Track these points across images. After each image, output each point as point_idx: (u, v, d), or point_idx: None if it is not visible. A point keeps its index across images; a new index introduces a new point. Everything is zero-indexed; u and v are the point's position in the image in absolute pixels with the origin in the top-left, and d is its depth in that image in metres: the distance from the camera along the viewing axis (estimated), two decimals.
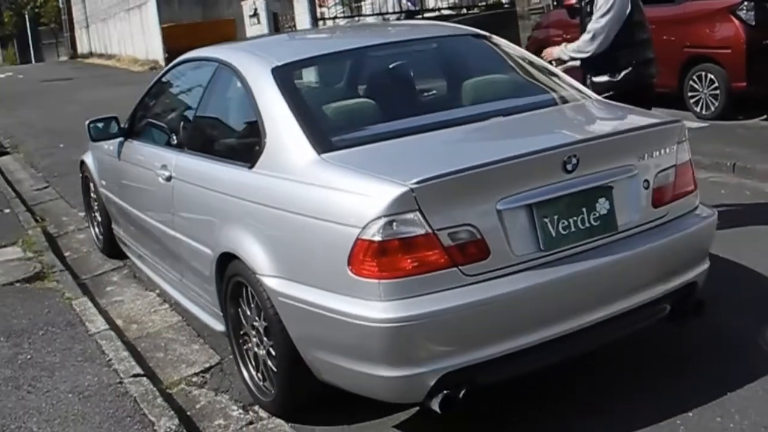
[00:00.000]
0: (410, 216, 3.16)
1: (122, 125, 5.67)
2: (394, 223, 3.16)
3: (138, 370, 4.45)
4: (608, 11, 5.37)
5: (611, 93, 5.33)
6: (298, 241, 3.56)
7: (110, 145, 5.87)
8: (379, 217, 3.15)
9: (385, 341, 3.21)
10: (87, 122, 5.61)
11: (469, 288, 3.24)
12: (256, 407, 4.06)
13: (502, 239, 3.31)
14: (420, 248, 3.18)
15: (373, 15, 17.79)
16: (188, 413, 4.15)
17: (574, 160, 3.42)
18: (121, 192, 5.79)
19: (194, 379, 4.50)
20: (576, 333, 3.47)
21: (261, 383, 4.01)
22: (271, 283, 3.63)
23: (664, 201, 3.76)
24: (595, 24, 5.43)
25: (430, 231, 3.18)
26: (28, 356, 4.67)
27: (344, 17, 18.02)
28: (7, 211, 8.21)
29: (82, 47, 40.52)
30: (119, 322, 5.41)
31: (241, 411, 4.08)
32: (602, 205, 3.54)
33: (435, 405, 3.26)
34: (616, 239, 3.58)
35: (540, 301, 3.37)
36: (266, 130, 3.87)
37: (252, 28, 20.18)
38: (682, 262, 3.80)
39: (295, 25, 18.63)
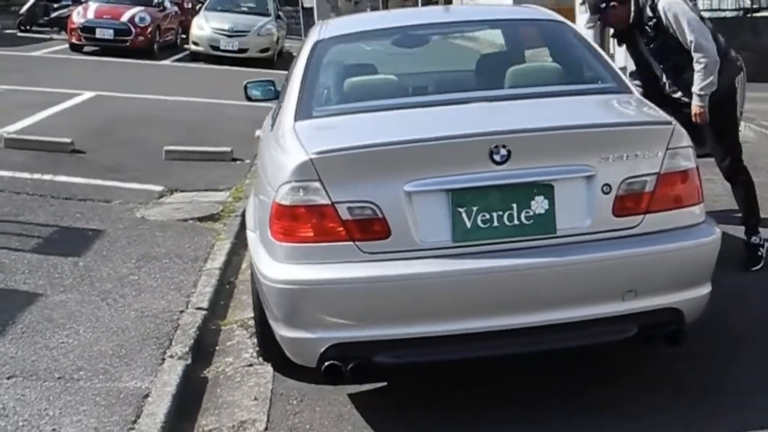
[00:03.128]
0: (314, 185, 3.33)
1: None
2: (300, 191, 3.35)
3: (204, 304, 5.02)
4: (689, 20, 5.01)
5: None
6: (259, 201, 3.88)
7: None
8: (286, 182, 3.38)
9: (278, 301, 3.46)
10: (244, 83, 6.24)
11: (362, 264, 3.33)
12: None
13: (406, 222, 3.32)
14: (319, 218, 3.34)
15: (708, 10, 16.75)
16: (216, 347, 4.65)
17: (503, 151, 3.29)
18: None
19: (249, 321, 4.95)
20: (497, 333, 3.38)
21: None
22: (250, 237, 3.99)
23: (632, 211, 3.43)
24: (691, 37, 5.01)
25: (329, 202, 3.32)
26: (136, 277, 5.43)
27: None
28: (248, 161, 9.23)
29: None
30: (243, 265, 6.02)
31: (253, 354, 4.48)
32: (539, 204, 3.35)
33: (322, 373, 3.42)
34: (553, 243, 3.38)
35: (443, 292, 3.33)
36: (286, 96, 4.21)
37: (581, 17, 19.97)
38: (653, 283, 3.45)
39: None
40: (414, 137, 3.40)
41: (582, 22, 18.69)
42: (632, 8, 5.17)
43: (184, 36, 22.18)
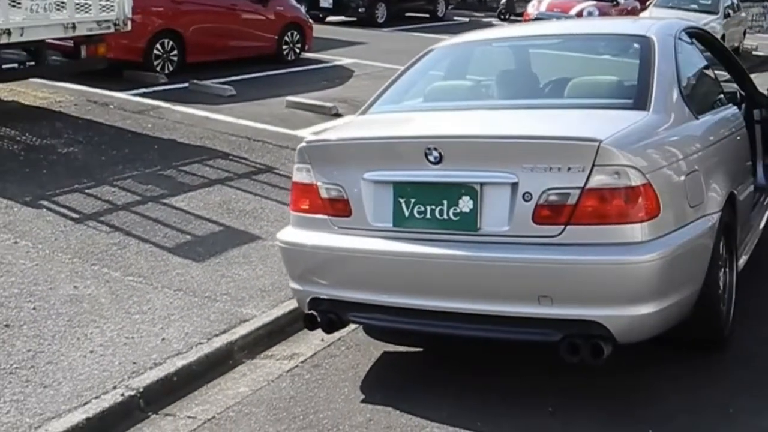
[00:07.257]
0: (307, 166, 4.20)
1: None
2: (303, 171, 4.25)
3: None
4: None
5: None
6: None
7: None
8: (296, 163, 4.31)
9: (282, 257, 4.44)
10: None
11: (331, 235, 4.12)
12: None
13: (361, 205, 4.01)
14: (309, 194, 4.22)
15: None
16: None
17: (435, 153, 3.77)
18: None
19: None
20: (436, 313, 3.90)
21: None
22: None
23: (552, 220, 3.64)
24: None
25: (314, 182, 4.15)
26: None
27: None
28: None
29: None
30: None
31: None
32: (465, 203, 3.76)
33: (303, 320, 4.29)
34: (474, 240, 3.77)
35: (384, 267, 3.96)
36: None
37: None
38: (570, 292, 3.63)
39: None
40: (370, 135, 4.13)
41: None
42: None
43: None
